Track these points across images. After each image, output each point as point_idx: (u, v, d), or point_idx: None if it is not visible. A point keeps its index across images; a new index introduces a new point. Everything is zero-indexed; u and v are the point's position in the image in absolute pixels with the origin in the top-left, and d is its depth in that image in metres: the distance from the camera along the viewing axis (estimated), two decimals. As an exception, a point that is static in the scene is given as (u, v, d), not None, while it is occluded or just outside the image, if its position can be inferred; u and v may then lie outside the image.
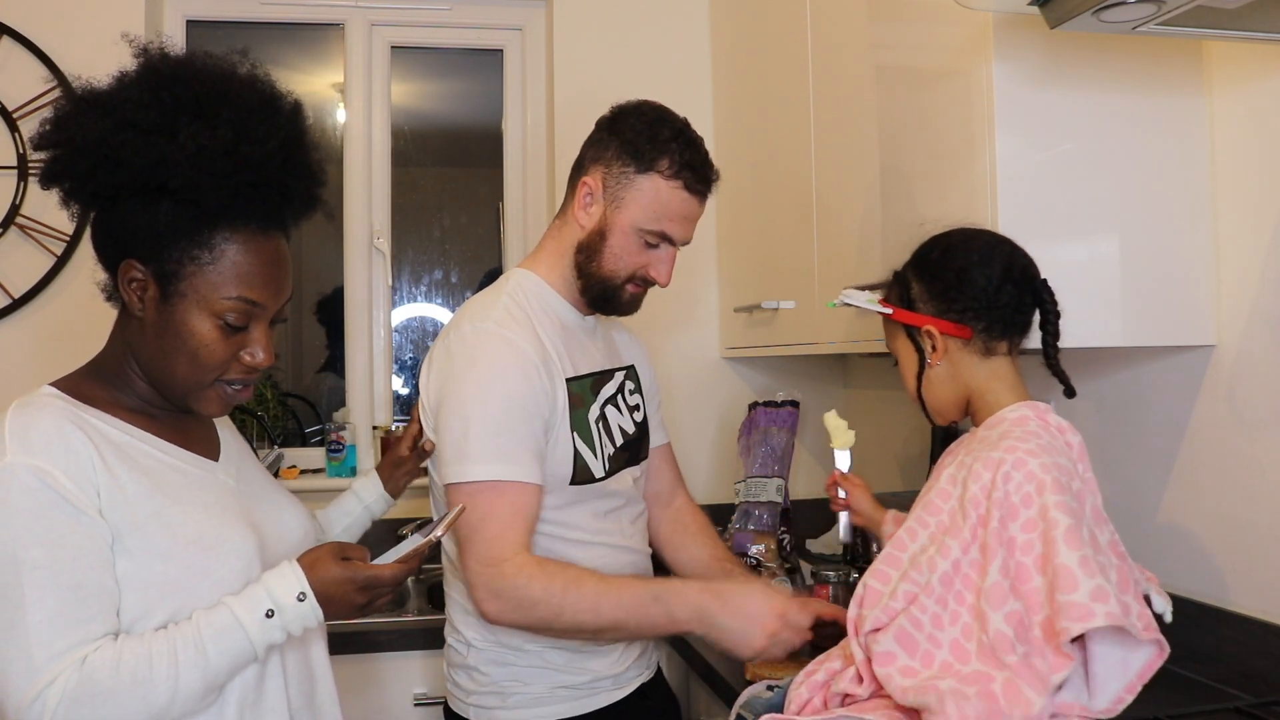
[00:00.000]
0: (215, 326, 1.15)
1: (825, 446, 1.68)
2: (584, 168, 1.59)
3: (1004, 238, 1.30)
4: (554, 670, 1.55)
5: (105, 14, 2.45)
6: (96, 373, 1.20)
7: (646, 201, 1.53)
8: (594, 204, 1.56)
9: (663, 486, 1.82)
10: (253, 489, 1.28)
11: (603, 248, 1.55)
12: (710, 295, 2.70)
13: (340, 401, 2.78)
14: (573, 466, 1.53)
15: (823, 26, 2.01)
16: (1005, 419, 1.22)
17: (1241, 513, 1.49)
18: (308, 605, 1.13)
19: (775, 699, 1.32)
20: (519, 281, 1.59)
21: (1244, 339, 1.48)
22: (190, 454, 1.22)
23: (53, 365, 1.21)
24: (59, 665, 1.02)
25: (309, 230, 1.30)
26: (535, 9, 2.78)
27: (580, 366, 1.58)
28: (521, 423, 1.47)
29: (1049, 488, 1.10)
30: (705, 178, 1.56)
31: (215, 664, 1.08)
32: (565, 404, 1.52)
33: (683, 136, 1.55)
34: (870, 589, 1.19)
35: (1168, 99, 1.50)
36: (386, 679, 2.09)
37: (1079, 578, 1.04)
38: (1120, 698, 1.11)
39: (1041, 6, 1.21)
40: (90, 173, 1.11)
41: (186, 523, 1.13)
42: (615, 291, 1.58)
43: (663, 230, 1.54)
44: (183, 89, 1.12)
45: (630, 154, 1.54)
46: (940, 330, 1.25)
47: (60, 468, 1.06)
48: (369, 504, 1.61)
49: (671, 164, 1.52)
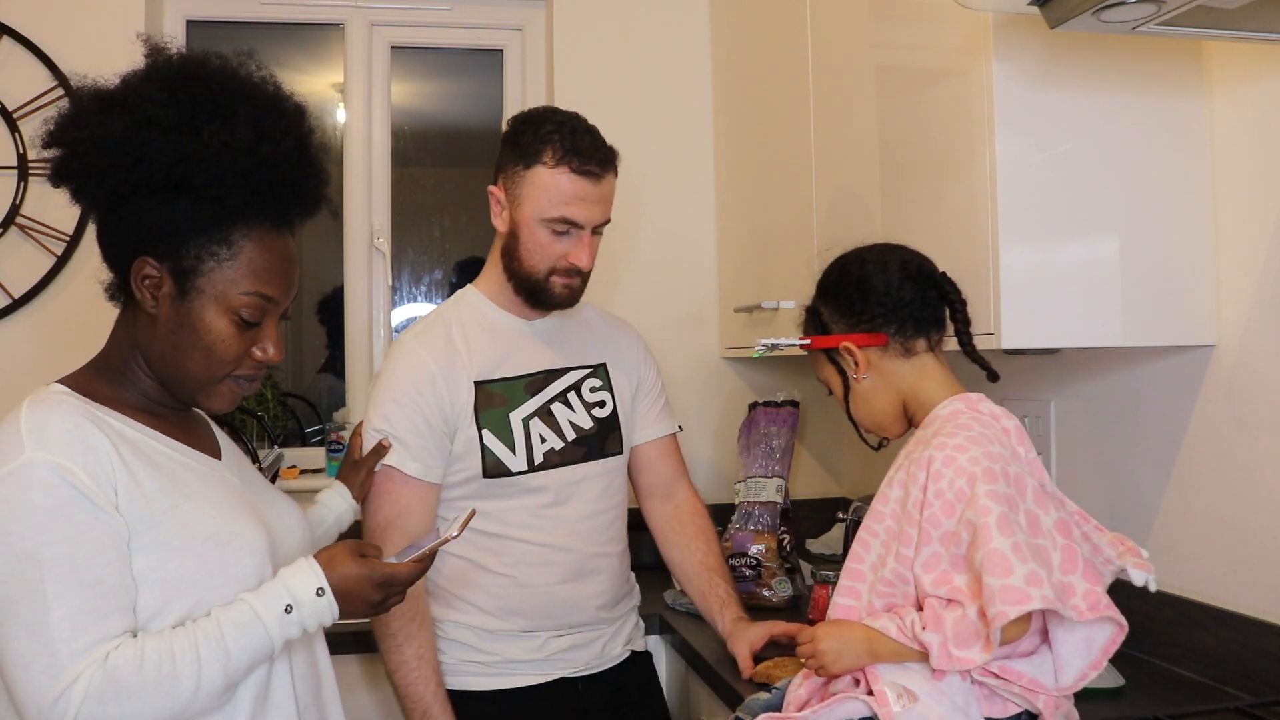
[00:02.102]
0: (231, 322, 1.17)
1: (825, 446, 1.68)
2: (493, 180, 1.70)
3: (896, 245, 1.34)
4: (464, 645, 1.67)
5: (105, 14, 2.44)
6: (101, 371, 1.21)
7: (539, 193, 1.62)
8: (503, 209, 1.68)
9: (660, 479, 1.84)
10: (254, 488, 1.29)
11: (518, 247, 1.66)
12: (710, 295, 2.70)
13: (340, 401, 2.78)
14: (482, 460, 1.65)
15: (823, 26, 2.01)
16: (939, 416, 1.25)
17: (1241, 513, 1.49)
18: (325, 601, 1.13)
19: (774, 699, 1.33)
20: (460, 296, 1.75)
21: (1244, 339, 1.48)
22: (196, 451, 1.22)
23: (54, 364, 1.21)
24: (83, 662, 1.02)
25: (309, 230, 1.31)
26: (535, 9, 2.78)
27: (508, 369, 1.68)
28: (409, 422, 1.62)
29: (980, 478, 1.13)
30: (592, 157, 1.62)
31: (236, 659, 1.08)
32: (470, 405, 1.64)
33: (564, 127, 1.63)
34: (841, 607, 1.23)
35: (1168, 99, 1.50)
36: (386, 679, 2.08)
37: (1012, 563, 1.07)
38: (1084, 674, 1.16)
39: (1041, 6, 1.21)
40: (110, 170, 1.12)
41: (202, 519, 1.13)
42: (541, 285, 1.67)
43: (563, 216, 1.62)
44: (199, 88, 1.14)
45: (517, 154, 1.64)
46: (857, 343, 1.29)
47: (79, 464, 1.06)
48: (339, 514, 1.58)
49: (554, 152, 1.61)
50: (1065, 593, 1.11)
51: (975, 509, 1.11)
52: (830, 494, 2.72)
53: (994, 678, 1.15)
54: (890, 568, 1.19)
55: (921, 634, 1.12)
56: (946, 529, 1.14)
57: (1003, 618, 1.05)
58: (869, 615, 1.20)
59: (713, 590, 1.77)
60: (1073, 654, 1.16)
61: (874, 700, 1.14)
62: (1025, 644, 1.16)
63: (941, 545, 1.14)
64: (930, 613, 1.13)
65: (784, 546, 2.12)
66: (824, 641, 1.20)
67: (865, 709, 1.15)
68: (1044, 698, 1.15)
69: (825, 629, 1.21)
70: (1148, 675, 1.55)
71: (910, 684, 1.14)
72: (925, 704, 1.12)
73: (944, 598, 1.12)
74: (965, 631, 1.10)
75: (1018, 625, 1.09)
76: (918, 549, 1.16)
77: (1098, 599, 1.13)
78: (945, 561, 1.14)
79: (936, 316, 1.30)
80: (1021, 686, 1.14)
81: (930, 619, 1.12)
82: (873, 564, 1.22)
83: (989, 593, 1.06)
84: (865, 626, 1.18)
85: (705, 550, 1.83)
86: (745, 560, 2.08)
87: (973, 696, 1.15)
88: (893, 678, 1.15)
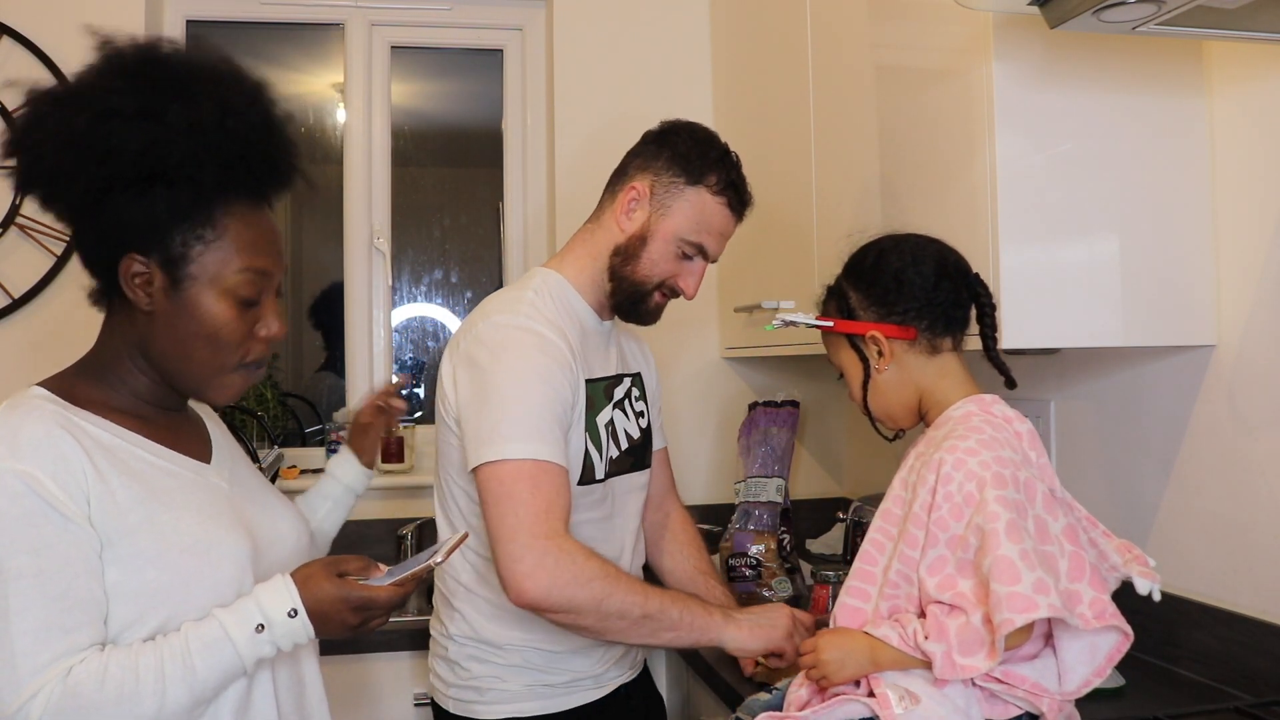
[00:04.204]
0: (230, 304, 1.14)
1: (825, 446, 1.68)
2: (629, 175, 1.63)
3: (932, 238, 1.32)
4: (533, 669, 1.56)
5: (105, 14, 2.44)
6: (87, 373, 1.18)
7: (692, 213, 1.58)
8: (639, 209, 1.60)
9: (655, 491, 1.84)
10: (245, 491, 1.25)
11: (641, 253, 1.59)
12: (710, 295, 2.69)
13: (340, 401, 2.78)
14: (582, 465, 1.55)
15: (823, 26, 2.01)
16: (951, 417, 1.24)
17: (1241, 513, 1.49)
18: (298, 622, 1.10)
19: (774, 699, 1.33)
20: (544, 279, 1.61)
21: (1244, 339, 1.48)
22: (182, 456, 1.19)
23: (52, 365, 1.19)
24: (43, 678, 1.00)
25: (309, 230, 1.31)
26: (535, 9, 2.78)
27: (595, 370, 1.61)
28: (558, 410, 1.48)
29: (989, 483, 1.12)
30: (745, 200, 1.63)
31: (203, 678, 1.06)
32: (584, 403, 1.55)
33: (729, 158, 1.62)
34: (849, 607, 1.22)
35: (1168, 99, 1.50)
36: (386, 679, 2.09)
37: (1020, 570, 1.06)
38: (1088, 681, 1.16)
39: (1041, 6, 1.21)
40: (78, 168, 1.09)
41: (179, 529, 1.10)
42: (644, 298, 1.61)
43: (701, 243, 1.59)
44: (156, 71, 1.11)
45: (681, 166, 1.59)
46: (885, 334, 1.27)
47: (48, 473, 1.03)
48: (348, 483, 1.55)
49: (719, 180, 1.58)
50: (1072, 600, 1.10)
51: (984, 514, 1.10)
52: (830, 494, 2.73)
53: (997, 682, 1.14)
54: (895, 569, 1.18)
55: (924, 644, 1.11)
56: (954, 532, 1.13)
57: (1009, 625, 1.04)
58: (874, 617, 1.19)
59: (709, 593, 1.76)
60: (1077, 660, 1.15)
61: (875, 702, 1.14)
62: (1028, 647, 1.16)
63: (948, 549, 1.14)
64: (933, 621, 1.12)
65: (784, 546, 2.12)
66: (826, 651, 1.19)
67: (866, 710, 1.15)
68: (1047, 700, 1.14)
69: (827, 639, 1.21)
70: (1148, 675, 1.55)
71: (912, 686, 1.14)
72: (927, 706, 1.12)
73: (947, 603, 1.12)
74: (969, 639, 1.09)
75: (1021, 632, 1.08)
76: (924, 551, 1.15)
77: (1104, 607, 1.12)
78: (951, 565, 1.13)
79: (965, 316, 1.29)
80: (1025, 690, 1.14)
81: (933, 628, 1.12)
82: (884, 567, 1.21)
83: (996, 599, 1.06)
84: (867, 636, 1.17)
85: (698, 557, 1.82)
86: (745, 560, 2.08)
87: (974, 699, 1.15)
88: (894, 679, 1.15)
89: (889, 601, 1.19)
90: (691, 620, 1.46)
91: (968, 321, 1.30)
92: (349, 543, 1.49)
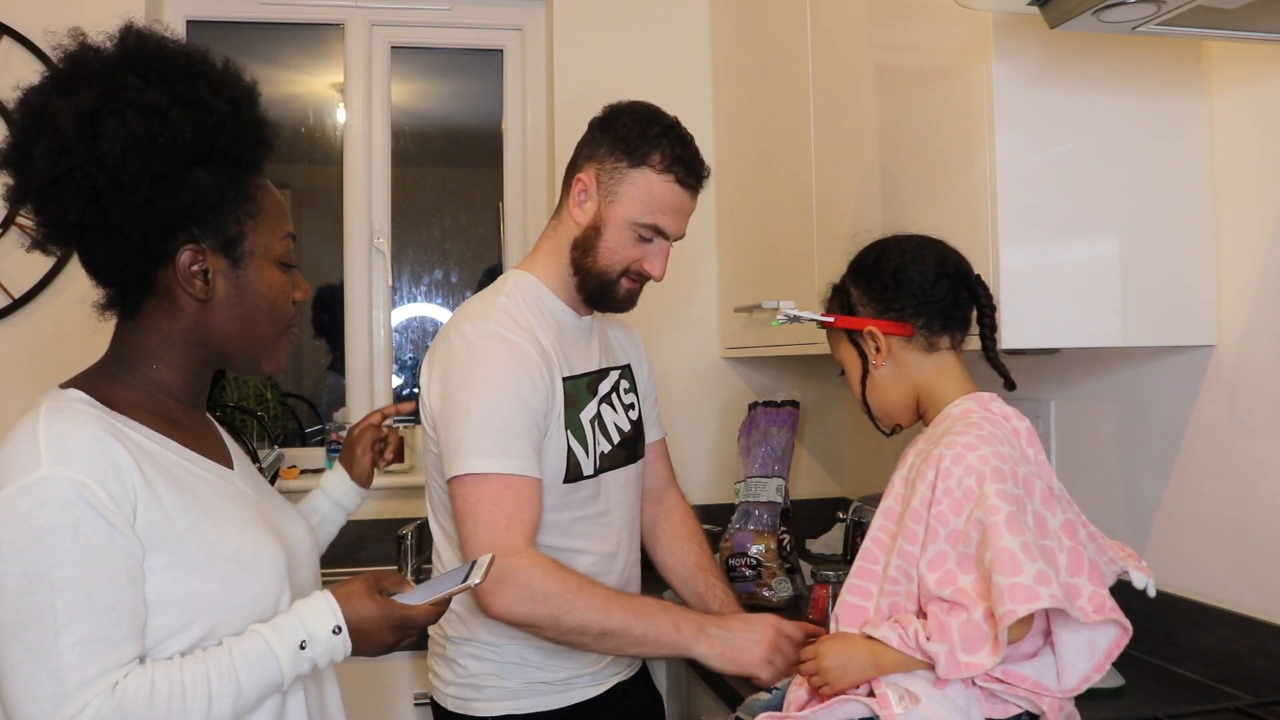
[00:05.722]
0: (279, 272, 1.18)
1: (825, 446, 1.68)
2: (578, 166, 1.62)
3: (935, 239, 1.33)
4: (530, 667, 1.57)
5: (106, 15, 2.43)
6: (113, 372, 1.15)
7: (640, 195, 1.56)
8: (589, 200, 1.59)
9: (654, 482, 1.83)
10: (266, 497, 1.25)
11: (598, 242, 1.58)
12: (710, 295, 2.70)
13: (340, 401, 2.78)
14: (566, 464, 1.55)
15: (823, 26, 2.01)
16: (950, 415, 1.25)
17: (1241, 513, 1.49)
18: (341, 639, 1.09)
19: (774, 699, 1.33)
20: (516, 282, 1.62)
21: (1244, 339, 1.48)
22: (211, 462, 1.17)
23: (53, 366, 1.19)
24: (90, 692, 0.97)
25: (309, 230, 1.31)
26: (535, 9, 2.78)
27: (576, 366, 1.60)
28: (525, 420, 1.49)
29: (989, 477, 1.13)
30: (696, 172, 1.59)
31: (247, 694, 1.05)
32: (561, 403, 1.55)
33: (673, 132, 1.59)
34: (850, 605, 1.22)
35: (1168, 99, 1.50)
36: (386, 679, 2.09)
37: (1021, 561, 1.07)
38: (1088, 676, 1.16)
39: (1041, 6, 1.21)
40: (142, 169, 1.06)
41: (224, 537, 1.09)
42: (611, 287, 1.60)
43: (655, 223, 1.57)
44: (163, 63, 1.12)
45: (623, 149, 1.57)
46: (882, 330, 1.28)
47: (99, 481, 1.00)
48: (337, 498, 1.53)
49: (663, 158, 1.56)
50: (1072, 594, 1.11)
51: (984, 508, 1.11)
52: (830, 494, 2.73)
53: (997, 682, 1.14)
54: (894, 564, 1.18)
55: (926, 644, 1.11)
56: (954, 527, 1.14)
57: (1011, 616, 1.05)
58: (876, 616, 1.19)
59: (710, 591, 1.75)
60: (1076, 656, 1.15)
61: (875, 702, 1.14)
62: (1027, 645, 1.16)
63: (948, 544, 1.14)
64: (934, 621, 1.12)
65: (784, 546, 2.12)
66: (828, 658, 1.19)
67: (866, 710, 1.15)
68: (1048, 700, 1.15)
69: (828, 645, 1.21)
70: (1148, 675, 1.56)
71: (912, 686, 1.14)
72: (927, 705, 1.12)
73: (946, 600, 1.12)
74: (972, 635, 1.09)
75: (1021, 624, 1.09)
76: (923, 547, 1.16)
77: (1104, 601, 1.12)
78: (951, 560, 1.13)
79: (965, 317, 1.30)
80: (1025, 689, 1.14)
81: (934, 628, 1.11)
82: (884, 564, 1.22)
83: (998, 591, 1.06)
84: (868, 640, 1.17)
85: (698, 552, 1.80)
86: (745, 560, 2.08)
87: (974, 698, 1.15)
88: (894, 679, 1.15)
89: (889, 598, 1.19)
90: (657, 637, 1.45)
91: (967, 322, 1.30)
92: (349, 543, 1.50)
